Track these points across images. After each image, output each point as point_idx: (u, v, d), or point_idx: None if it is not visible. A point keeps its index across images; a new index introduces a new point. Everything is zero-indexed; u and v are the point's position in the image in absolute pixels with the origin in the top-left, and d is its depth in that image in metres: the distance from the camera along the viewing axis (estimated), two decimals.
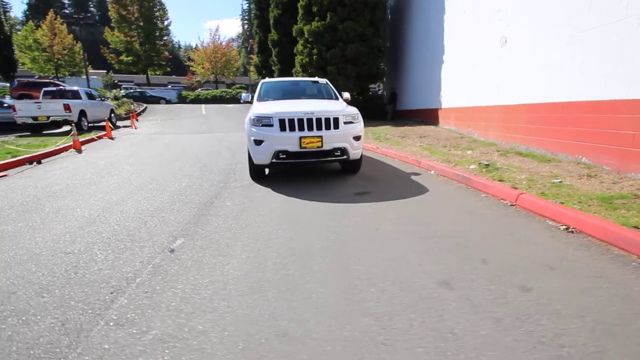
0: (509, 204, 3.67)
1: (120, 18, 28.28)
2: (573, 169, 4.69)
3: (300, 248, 2.68)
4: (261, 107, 5.02)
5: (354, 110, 4.96)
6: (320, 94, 6.11)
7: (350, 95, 6.72)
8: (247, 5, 74.20)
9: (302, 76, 14.39)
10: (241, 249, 2.67)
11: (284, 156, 4.61)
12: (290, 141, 4.54)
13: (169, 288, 2.12)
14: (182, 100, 32.35)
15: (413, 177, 5.11)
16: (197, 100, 32.81)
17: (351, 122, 4.81)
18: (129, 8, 28.91)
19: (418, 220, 3.26)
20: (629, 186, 3.81)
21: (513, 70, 6.51)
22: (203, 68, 41.91)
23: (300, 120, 4.55)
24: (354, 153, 4.86)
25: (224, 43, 43.20)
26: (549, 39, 5.50)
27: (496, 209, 3.56)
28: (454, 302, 1.89)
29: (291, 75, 16.51)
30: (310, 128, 4.56)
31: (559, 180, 4.29)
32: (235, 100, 35.83)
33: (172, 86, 43.65)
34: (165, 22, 32.62)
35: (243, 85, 43.69)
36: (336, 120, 4.68)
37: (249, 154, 4.91)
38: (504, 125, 6.95)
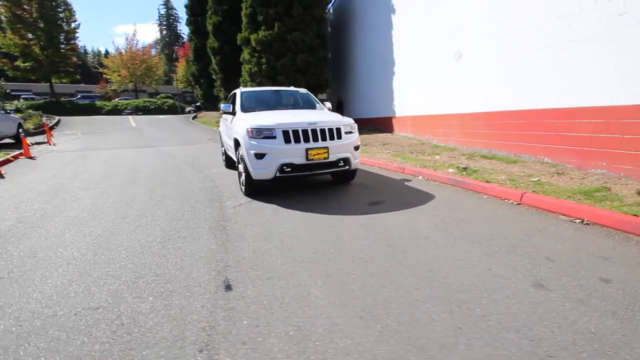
0: (515, 203, 4.02)
1: (14, 18, 23.89)
2: (541, 168, 5.37)
3: (375, 268, 2.52)
4: (255, 118, 4.69)
5: (350, 120, 4.94)
6: (304, 103, 5.97)
7: None
8: (165, 10, 69.72)
9: (251, 85, 13.99)
10: (309, 274, 2.42)
11: (289, 169, 4.36)
12: (296, 153, 4.32)
13: (265, 334, 1.80)
14: (95, 111, 28.65)
15: (408, 184, 5.28)
16: (115, 111, 29.48)
17: (350, 132, 4.78)
18: (26, 7, 24.62)
19: (453, 225, 3.36)
20: (596, 180, 4.49)
21: (471, 81, 7.23)
22: (119, 76, 37.93)
23: (305, 132, 4.37)
24: (355, 163, 4.84)
25: (142, 49, 39.71)
26: (507, 54, 6.24)
27: (508, 209, 3.85)
28: (565, 303, 1.97)
29: (236, 85, 15.87)
30: (315, 139, 4.41)
31: (537, 179, 4.86)
32: (162, 110, 33.18)
33: (81, 95, 38.49)
34: (73, 25, 28.58)
35: (169, 94, 40.66)
36: (338, 130, 4.61)
37: (245, 169, 4.53)
38: (463, 132, 7.65)
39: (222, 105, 5.64)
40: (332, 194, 4.82)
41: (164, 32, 69.32)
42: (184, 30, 70.95)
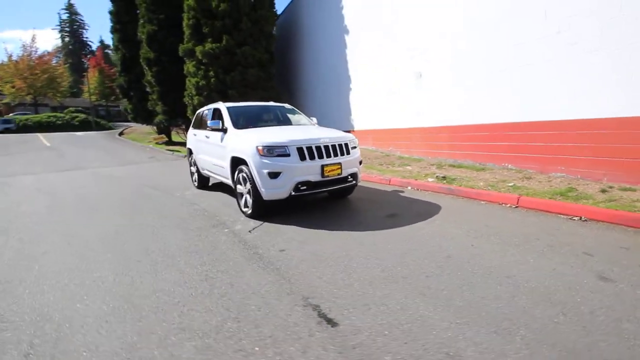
0: (513, 206, 4.48)
1: None
2: (510, 174, 6.09)
3: (456, 280, 2.54)
4: (261, 135, 4.42)
5: (352, 135, 4.99)
6: (294, 119, 5.83)
7: None
8: (68, 15, 61.99)
9: (199, 100, 13.20)
10: (403, 295, 2.33)
11: (305, 187, 4.20)
12: (312, 170, 4.18)
13: None
14: None
15: (404, 195, 5.50)
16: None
17: (355, 147, 4.82)
18: None
19: (483, 231, 3.59)
20: (560, 183, 5.26)
21: (432, 98, 7.91)
22: (13, 87, 32.29)
23: (319, 148, 4.27)
24: (359, 177, 4.88)
25: (41, 57, 34.47)
26: (469, 75, 7.01)
27: (513, 212, 4.27)
28: (636, 290, 2.26)
29: (177, 99, 14.74)
30: (328, 155, 4.34)
31: (512, 184, 5.50)
32: (73, 126, 28.98)
33: None
34: None
35: (79, 108, 35.79)
36: (347, 145, 4.62)
37: (254, 190, 4.22)
38: (427, 144, 8.29)
39: (209, 122, 5.18)
40: (341, 210, 4.76)
41: (67, 39, 61.24)
42: (92, 37, 63.72)
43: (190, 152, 6.97)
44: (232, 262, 3.05)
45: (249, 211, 4.44)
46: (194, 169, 6.87)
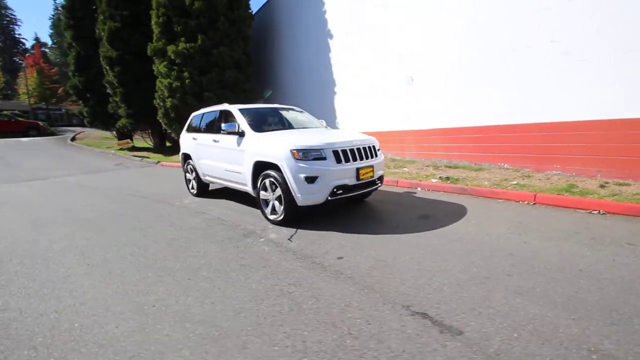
0: (531, 203, 4.74)
1: None
2: (508, 173, 6.45)
3: (540, 279, 2.59)
4: (293, 138, 4.22)
5: (374, 137, 4.96)
6: (309, 122, 5.67)
7: None
8: None
9: (172, 102, 12.45)
10: (503, 296, 2.32)
11: (340, 191, 4.08)
12: (348, 174, 4.08)
13: None
14: None
15: (420, 196, 5.57)
16: None
17: (379, 149, 4.80)
18: None
19: (524, 227, 3.72)
20: (559, 180, 5.68)
21: (424, 101, 8.17)
22: None
23: (352, 151, 4.19)
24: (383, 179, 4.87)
25: None
26: (462, 80, 7.33)
27: (533, 209, 4.51)
28: None
29: (148, 100, 13.71)
30: (361, 158, 4.27)
31: (516, 182, 5.83)
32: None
33: None
34: None
35: (15, 111, 31.98)
36: (374, 147, 4.59)
37: (287, 195, 4.01)
38: (419, 146, 8.53)
39: (223, 125, 4.85)
40: (367, 213, 4.70)
41: None
42: (25, 34, 57.51)
43: (186, 157, 6.49)
44: (297, 274, 2.85)
45: (279, 218, 4.21)
46: (191, 175, 6.41)
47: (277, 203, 4.26)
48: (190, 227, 4.40)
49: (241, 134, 4.78)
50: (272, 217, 4.33)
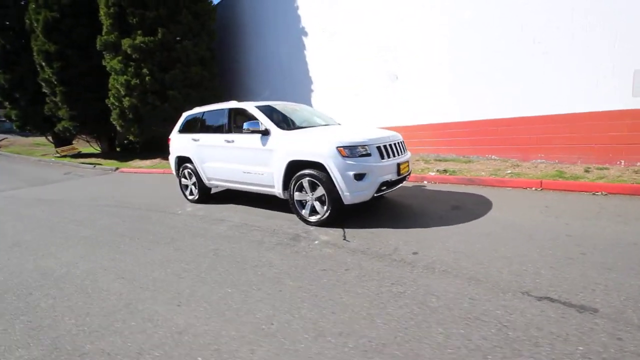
0: (538, 189, 5.18)
1: None
2: (498, 164, 6.99)
3: (625, 259, 2.82)
4: (336, 135, 4.06)
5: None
6: (324, 119, 5.51)
7: None
8: None
9: (131, 101, 11.29)
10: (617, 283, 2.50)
11: (385, 187, 4.07)
12: (390, 169, 4.08)
13: None
14: None
15: (431, 188, 5.77)
16: None
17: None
18: None
19: (553, 212, 4.04)
20: (546, 168, 6.30)
21: (409, 99, 8.49)
22: None
23: (391, 146, 4.19)
24: None
25: None
26: (448, 77, 7.75)
27: (544, 194, 4.93)
28: None
29: (95, 100, 12.19)
30: (398, 153, 4.29)
31: (510, 171, 6.36)
32: None
33: None
34: None
35: None
36: (404, 143, 4.65)
37: (332, 194, 3.87)
38: (408, 141, 8.82)
39: (245, 124, 4.49)
40: (397, 207, 4.73)
41: None
42: None
43: (182, 161, 5.91)
44: (388, 273, 2.77)
45: (322, 218, 4.04)
46: (189, 180, 5.87)
47: (317, 203, 4.09)
48: (221, 236, 4.02)
49: (265, 133, 4.49)
50: (312, 218, 4.14)
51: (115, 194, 7.31)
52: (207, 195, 5.83)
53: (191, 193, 5.91)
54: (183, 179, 5.99)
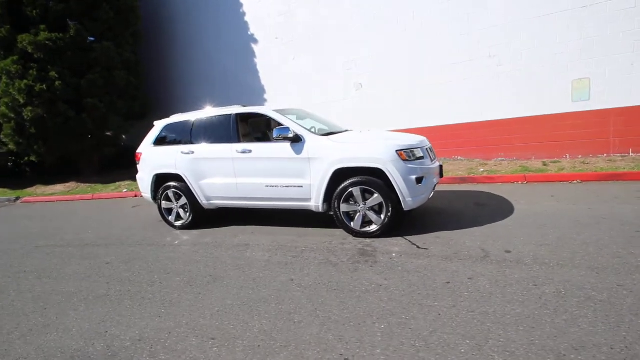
0: (524, 183, 5.81)
1: None
2: (467, 163, 7.65)
3: None
4: (387, 139, 3.81)
5: None
6: (334, 125, 5.15)
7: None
8: None
9: (34, 112, 8.94)
10: None
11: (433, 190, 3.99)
12: (436, 172, 4.04)
13: None
14: None
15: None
16: None
17: None
18: None
19: (564, 200, 4.55)
20: (509, 164, 7.16)
21: (370, 107, 8.73)
22: None
23: (430, 149, 4.16)
24: None
25: None
26: (409, 88, 8.23)
27: (534, 186, 5.55)
28: None
29: None
30: (434, 157, 4.28)
31: (482, 169, 7.04)
32: None
33: None
34: None
35: None
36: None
37: (391, 201, 3.61)
38: None
39: (275, 130, 3.86)
40: (422, 210, 4.70)
41: None
42: None
43: (164, 180, 4.81)
44: (518, 277, 2.64)
45: (378, 228, 3.70)
46: (175, 204, 4.81)
47: (371, 213, 3.75)
48: (272, 263, 3.34)
49: (295, 140, 3.96)
50: (368, 229, 3.76)
51: (53, 230, 5.52)
52: (201, 219, 4.85)
53: (178, 218, 4.85)
54: (165, 202, 4.87)
